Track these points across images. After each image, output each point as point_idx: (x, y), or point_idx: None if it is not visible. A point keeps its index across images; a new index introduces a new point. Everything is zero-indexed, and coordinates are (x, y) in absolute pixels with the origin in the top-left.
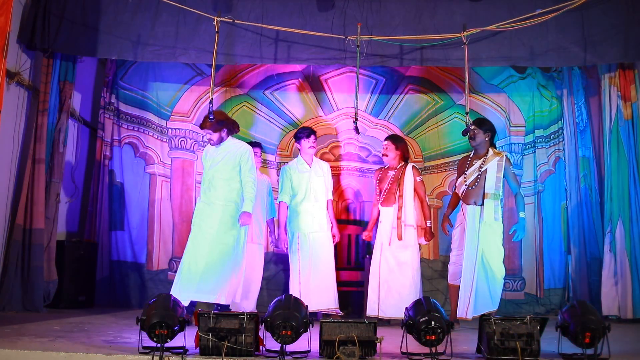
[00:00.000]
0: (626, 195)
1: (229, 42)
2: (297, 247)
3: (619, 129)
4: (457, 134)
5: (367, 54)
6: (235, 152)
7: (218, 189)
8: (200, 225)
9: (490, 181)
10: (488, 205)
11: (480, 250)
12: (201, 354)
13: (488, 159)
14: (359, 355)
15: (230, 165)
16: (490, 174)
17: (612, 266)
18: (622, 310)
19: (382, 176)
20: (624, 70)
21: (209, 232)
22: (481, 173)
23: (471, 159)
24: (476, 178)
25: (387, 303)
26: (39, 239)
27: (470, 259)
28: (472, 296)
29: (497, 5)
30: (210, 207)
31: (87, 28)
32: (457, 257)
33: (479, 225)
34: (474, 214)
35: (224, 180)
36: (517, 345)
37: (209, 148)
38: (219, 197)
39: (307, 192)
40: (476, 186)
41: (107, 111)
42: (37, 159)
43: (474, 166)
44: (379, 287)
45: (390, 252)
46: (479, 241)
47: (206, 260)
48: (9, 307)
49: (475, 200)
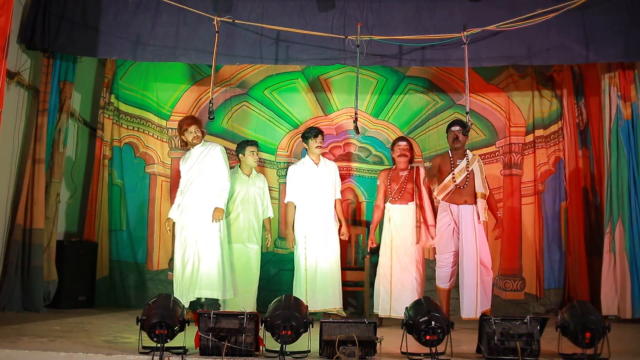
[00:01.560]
0: (626, 195)
1: (229, 42)
2: (304, 247)
3: (619, 129)
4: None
5: (367, 54)
6: (207, 152)
7: (194, 191)
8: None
9: (478, 180)
10: (480, 204)
11: (479, 249)
12: (201, 354)
13: (471, 160)
14: (359, 355)
15: (205, 165)
16: (477, 174)
17: (612, 266)
18: (622, 310)
19: (394, 176)
20: (624, 70)
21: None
22: (469, 172)
23: (453, 159)
24: (465, 177)
25: (400, 302)
26: (39, 239)
27: (471, 258)
28: (479, 295)
29: (497, 5)
30: (191, 208)
31: (87, 28)
32: (447, 260)
33: (476, 225)
34: (469, 214)
35: (201, 181)
36: (517, 345)
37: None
38: (197, 199)
39: (315, 192)
40: (467, 185)
41: (107, 111)
42: (37, 159)
43: (459, 166)
44: (391, 286)
45: (404, 251)
46: (477, 240)
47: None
48: (9, 307)
49: (467, 200)
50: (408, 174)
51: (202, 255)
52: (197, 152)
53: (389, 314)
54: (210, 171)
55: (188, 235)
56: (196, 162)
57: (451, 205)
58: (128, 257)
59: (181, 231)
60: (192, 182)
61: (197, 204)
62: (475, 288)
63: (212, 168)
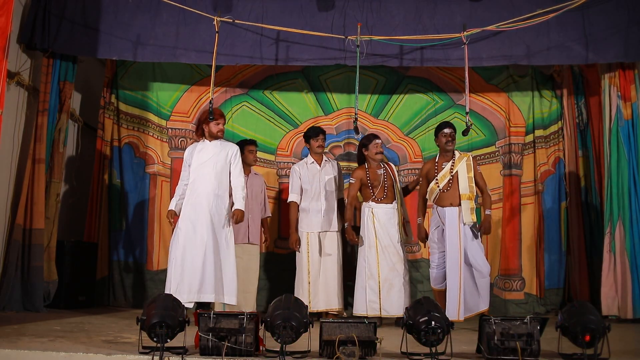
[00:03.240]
0: (626, 195)
1: (229, 42)
2: (306, 247)
3: (619, 129)
4: (457, 134)
5: (367, 54)
6: (225, 150)
7: (207, 186)
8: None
9: (463, 182)
10: (465, 206)
11: (463, 250)
12: (201, 354)
13: (457, 161)
14: (359, 355)
15: (221, 163)
16: (462, 175)
17: (612, 266)
18: (622, 310)
19: (372, 176)
20: (624, 70)
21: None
22: (453, 176)
23: (438, 163)
24: (448, 181)
25: (389, 302)
26: (39, 239)
27: (454, 260)
28: (462, 297)
29: (497, 5)
30: (200, 206)
31: (87, 28)
32: (438, 260)
33: (459, 226)
34: (453, 216)
35: (214, 178)
36: (517, 345)
37: (195, 145)
38: (209, 194)
39: (317, 192)
40: (450, 189)
41: (107, 111)
42: (37, 159)
43: (444, 170)
44: (380, 286)
45: (392, 250)
46: (460, 241)
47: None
48: (9, 307)
49: (452, 202)
50: (385, 173)
51: (223, 259)
52: (215, 147)
53: (378, 313)
54: (225, 169)
55: (201, 233)
56: (212, 156)
57: (438, 208)
58: (128, 257)
59: (193, 228)
60: (204, 176)
61: (209, 201)
62: (457, 290)
63: (227, 167)
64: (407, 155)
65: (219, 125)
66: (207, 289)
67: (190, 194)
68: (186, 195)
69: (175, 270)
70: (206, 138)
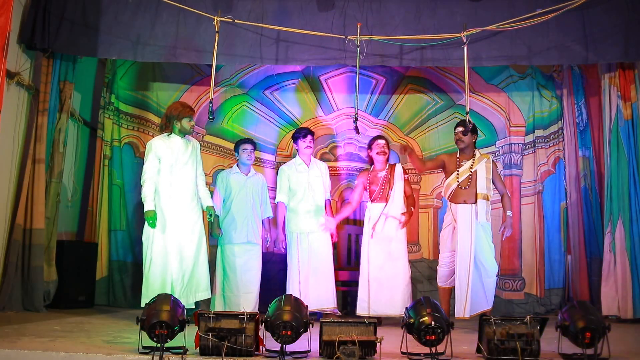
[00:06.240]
0: (626, 195)
1: (229, 42)
2: (296, 247)
3: (619, 129)
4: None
5: (367, 54)
6: (195, 147)
7: (190, 187)
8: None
9: (481, 181)
10: (481, 205)
11: (474, 249)
12: (201, 354)
13: (477, 160)
14: (359, 355)
15: (196, 162)
16: (480, 174)
17: (612, 266)
18: (622, 310)
19: (373, 178)
20: (624, 70)
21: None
22: (472, 173)
23: (459, 159)
24: (467, 178)
25: (377, 301)
26: (39, 239)
27: (464, 258)
28: (469, 295)
29: (497, 5)
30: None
31: (87, 28)
32: (447, 259)
33: (473, 225)
34: (467, 213)
35: (194, 178)
36: (517, 345)
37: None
38: (193, 196)
39: (306, 192)
40: (468, 186)
41: (107, 111)
42: (37, 159)
43: (464, 166)
44: (369, 284)
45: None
46: (472, 240)
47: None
48: (9, 307)
49: (466, 199)
50: (385, 175)
51: (199, 255)
52: (184, 143)
53: (367, 312)
54: (195, 165)
55: (185, 231)
56: (190, 156)
57: (452, 204)
58: (128, 257)
59: (178, 224)
60: (186, 177)
61: (187, 197)
62: (465, 288)
63: (197, 162)
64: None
65: (192, 122)
66: (202, 287)
67: (170, 189)
68: (168, 196)
69: (171, 276)
70: (175, 133)
